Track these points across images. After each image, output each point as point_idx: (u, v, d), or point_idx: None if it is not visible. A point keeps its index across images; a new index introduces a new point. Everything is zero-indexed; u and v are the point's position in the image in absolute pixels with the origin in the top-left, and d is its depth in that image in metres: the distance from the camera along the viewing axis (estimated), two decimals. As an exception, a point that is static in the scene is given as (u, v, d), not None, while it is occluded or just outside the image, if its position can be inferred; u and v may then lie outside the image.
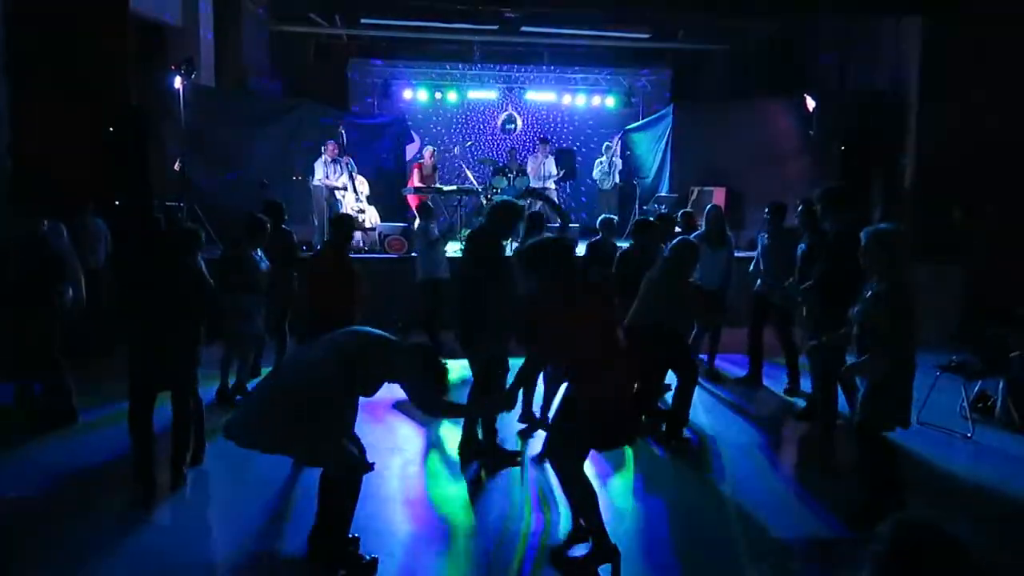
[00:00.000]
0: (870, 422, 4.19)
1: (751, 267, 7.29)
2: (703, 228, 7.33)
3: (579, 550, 3.86)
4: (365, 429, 4.17)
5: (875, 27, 11.00)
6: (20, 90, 8.35)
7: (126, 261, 4.62)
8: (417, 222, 8.50)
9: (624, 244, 7.24)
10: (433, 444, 5.51)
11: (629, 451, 5.39)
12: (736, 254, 7.55)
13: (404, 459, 5.17)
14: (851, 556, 3.93)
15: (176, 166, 9.36)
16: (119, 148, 8.47)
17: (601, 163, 12.75)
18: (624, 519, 4.34)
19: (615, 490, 4.79)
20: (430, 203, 9.30)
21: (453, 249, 9.42)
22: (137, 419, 4.51)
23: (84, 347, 6.56)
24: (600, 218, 7.64)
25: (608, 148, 12.90)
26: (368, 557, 3.71)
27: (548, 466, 4.40)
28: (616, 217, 8.28)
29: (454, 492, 4.68)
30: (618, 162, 12.81)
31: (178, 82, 9.31)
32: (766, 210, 7.11)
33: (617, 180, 12.70)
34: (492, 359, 4.94)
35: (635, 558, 3.88)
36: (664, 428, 5.65)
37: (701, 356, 7.43)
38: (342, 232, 6.02)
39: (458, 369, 4.88)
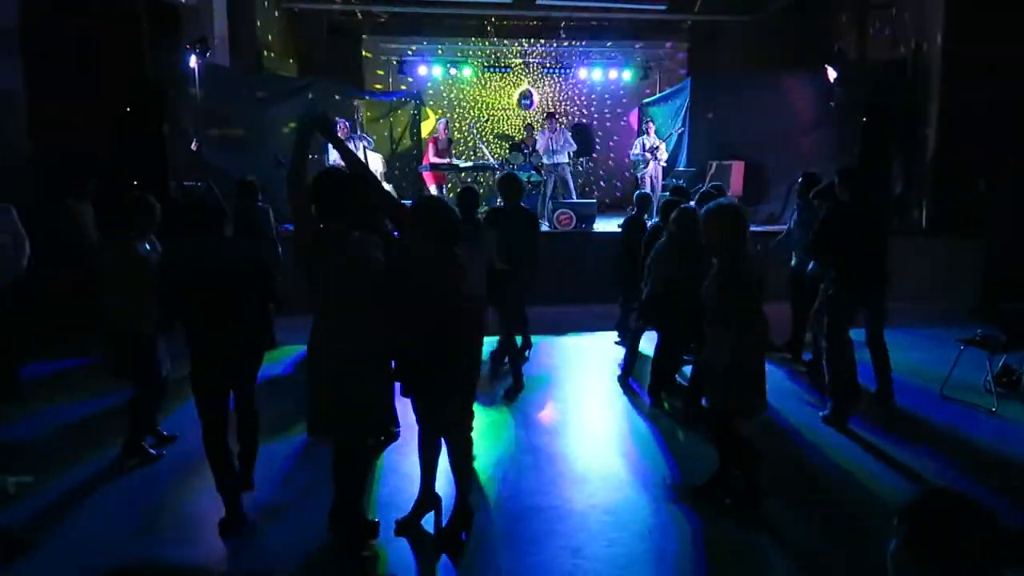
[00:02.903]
0: (720, 407, 4.08)
1: (779, 239, 7.20)
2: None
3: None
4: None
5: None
6: (37, 72, 8.39)
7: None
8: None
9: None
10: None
11: (646, 422, 5.41)
12: (753, 228, 7.43)
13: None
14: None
15: (192, 145, 9.37)
16: (136, 128, 8.51)
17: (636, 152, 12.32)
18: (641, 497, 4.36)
19: (636, 466, 4.79)
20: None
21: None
22: (217, 436, 3.96)
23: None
24: (636, 193, 7.75)
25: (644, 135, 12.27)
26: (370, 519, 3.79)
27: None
28: (650, 193, 8.26)
29: (477, 466, 4.71)
30: (652, 142, 11.99)
31: (193, 61, 9.29)
32: (799, 180, 7.00)
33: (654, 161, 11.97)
34: None
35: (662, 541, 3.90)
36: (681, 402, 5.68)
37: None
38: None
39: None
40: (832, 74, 10.58)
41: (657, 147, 11.67)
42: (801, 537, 3.93)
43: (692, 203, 6.03)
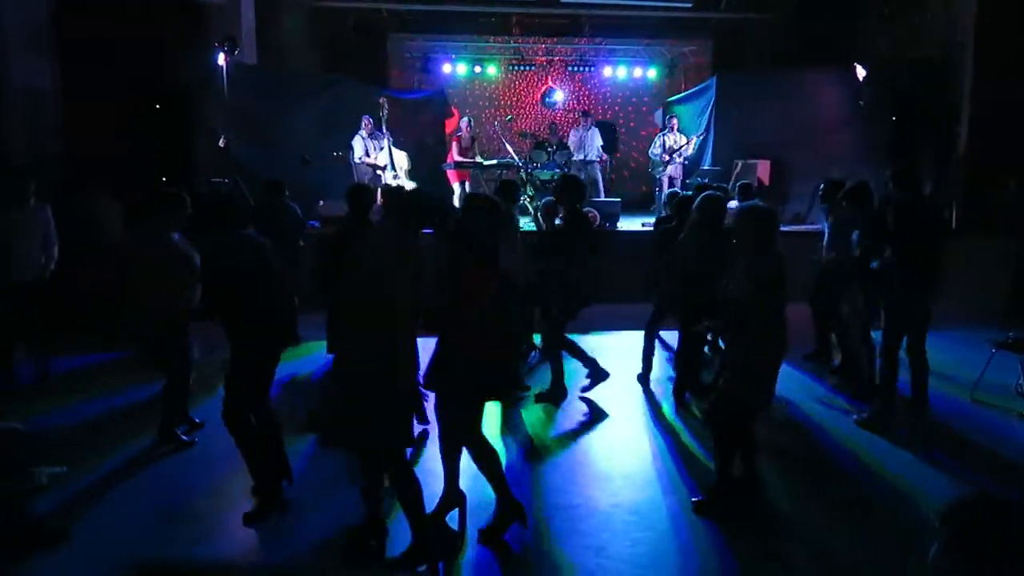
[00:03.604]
0: (727, 401, 4.08)
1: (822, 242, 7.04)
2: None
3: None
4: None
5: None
6: (67, 70, 8.53)
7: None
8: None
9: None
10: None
11: (670, 421, 5.39)
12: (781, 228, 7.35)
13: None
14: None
15: (220, 143, 9.46)
16: (164, 126, 8.62)
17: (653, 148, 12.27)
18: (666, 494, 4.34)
19: (660, 466, 4.77)
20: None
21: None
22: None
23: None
24: (667, 191, 7.78)
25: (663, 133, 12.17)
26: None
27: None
28: (680, 192, 8.22)
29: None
30: (674, 140, 11.91)
31: (221, 59, 9.38)
32: (820, 186, 6.90)
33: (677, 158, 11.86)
34: None
35: (679, 531, 3.88)
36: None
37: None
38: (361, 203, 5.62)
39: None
40: (862, 72, 10.45)
41: (681, 147, 11.58)
42: (828, 541, 3.89)
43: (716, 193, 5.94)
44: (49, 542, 3.73)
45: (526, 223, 8.65)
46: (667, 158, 11.67)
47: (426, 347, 3.62)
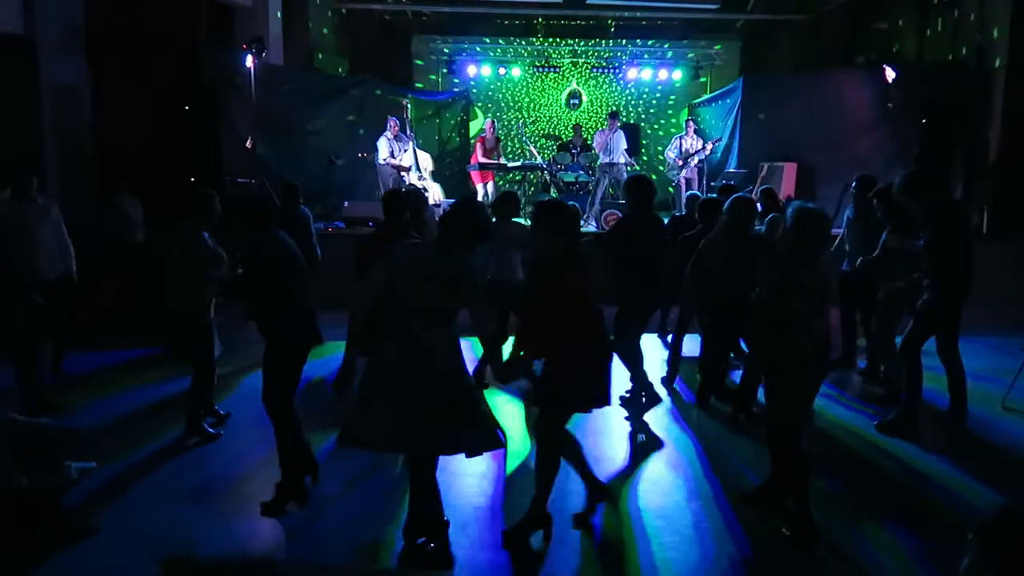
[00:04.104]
0: (771, 416, 3.95)
1: (834, 245, 6.99)
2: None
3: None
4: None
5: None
6: (99, 70, 8.66)
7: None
8: None
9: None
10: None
11: (695, 426, 5.37)
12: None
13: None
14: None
15: (247, 144, 9.56)
16: (192, 126, 8.72)
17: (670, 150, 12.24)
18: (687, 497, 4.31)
19: (685, 470, 4.75)
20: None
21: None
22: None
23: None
24: (687, 194, 7.73)
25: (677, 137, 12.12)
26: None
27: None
28: (701, 195, 8.22)
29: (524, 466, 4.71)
30: (690, 143, 11.86)
31: (249, 61, 9.47)
32: (851, 184, 6.79)
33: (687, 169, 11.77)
34: None
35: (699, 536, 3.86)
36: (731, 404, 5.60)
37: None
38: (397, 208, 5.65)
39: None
40: (891, 74, 10.32)
41: (697, 151, 11.53)
42: (856, 547, 3.84)
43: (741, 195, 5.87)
44: (79, 537, 3.78)
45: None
46: (681, 163, 11.65)
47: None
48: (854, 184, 6.70)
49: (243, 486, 4.48)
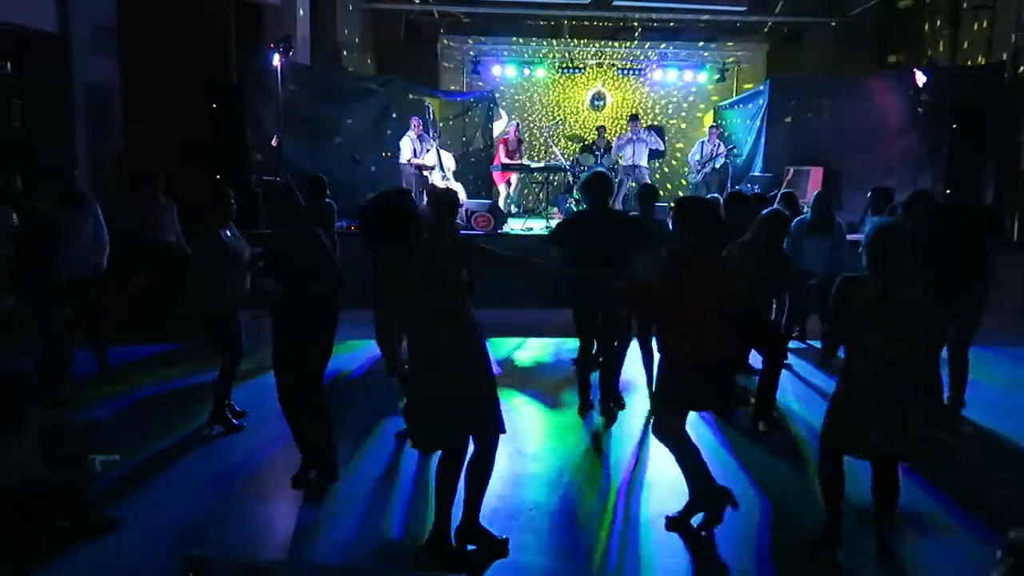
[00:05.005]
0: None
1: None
2: (807, 214, 7.03)
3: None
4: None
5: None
6: (130, 69, 8.77)
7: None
8: None
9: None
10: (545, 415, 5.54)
11: (711, 433, 5.32)
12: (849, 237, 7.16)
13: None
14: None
15: (273, 142, 9.64)
16: (221, 124, 8.81)
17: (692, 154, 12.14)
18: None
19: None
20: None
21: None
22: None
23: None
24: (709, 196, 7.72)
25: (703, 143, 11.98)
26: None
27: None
28: (720, 198, 8.13)
29: (541, 470, 4.70)
30: (711, 147, 11.74)
31: (276, 60, 9.55)
32: (868, 196, 6.74)
33: (710, 167, 11.69)
34: None
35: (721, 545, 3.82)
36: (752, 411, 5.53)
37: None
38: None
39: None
40: (921, 78, 10.16)
41: (715, 156, 11.46)
42: (873, 556, 3.78)
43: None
44: (102, 530, 3.83)
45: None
46: (698, 168, 11.62)
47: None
48: (869, 196, 6.64)
49: (263, 477, 4.57)
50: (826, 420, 3.63)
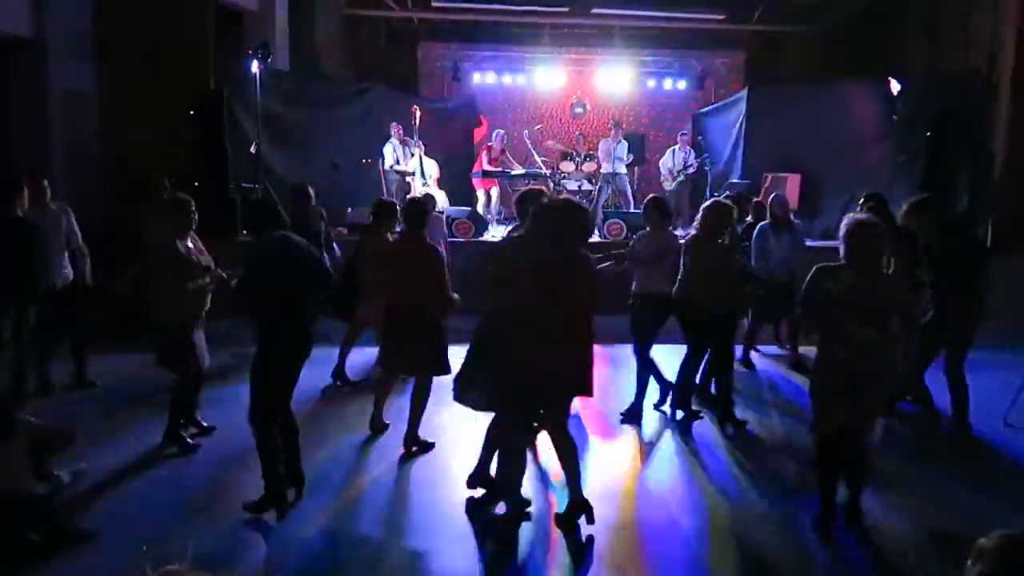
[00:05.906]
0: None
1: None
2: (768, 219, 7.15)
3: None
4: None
5: (966, 3, 10.48)
6: (106, 74, 8.68)
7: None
8: None
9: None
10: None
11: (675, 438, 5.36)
12: (809, 243, 7.28)
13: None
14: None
15: (252, 148, 9.57)
16: (199, 131, 8.73)
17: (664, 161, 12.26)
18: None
19: (675, 481, 4.72)
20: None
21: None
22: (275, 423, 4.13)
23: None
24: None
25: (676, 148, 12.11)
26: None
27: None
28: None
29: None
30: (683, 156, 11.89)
31: (255, 66, 9.48)
32: (859, 202, 6.81)
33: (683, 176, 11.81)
34: None
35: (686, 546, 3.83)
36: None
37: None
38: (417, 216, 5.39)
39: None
40: (896, 86, 10.29)
41: (689, 165, 11.54)
42: (854, 559, 3.81)
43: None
44: (77, 542, 3.76)
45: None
46: (668, 177, 11.71)
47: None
48: (860, 201, 6.71)
49: (226, 494, 4.42)
50: (811, 406, 3.94)
